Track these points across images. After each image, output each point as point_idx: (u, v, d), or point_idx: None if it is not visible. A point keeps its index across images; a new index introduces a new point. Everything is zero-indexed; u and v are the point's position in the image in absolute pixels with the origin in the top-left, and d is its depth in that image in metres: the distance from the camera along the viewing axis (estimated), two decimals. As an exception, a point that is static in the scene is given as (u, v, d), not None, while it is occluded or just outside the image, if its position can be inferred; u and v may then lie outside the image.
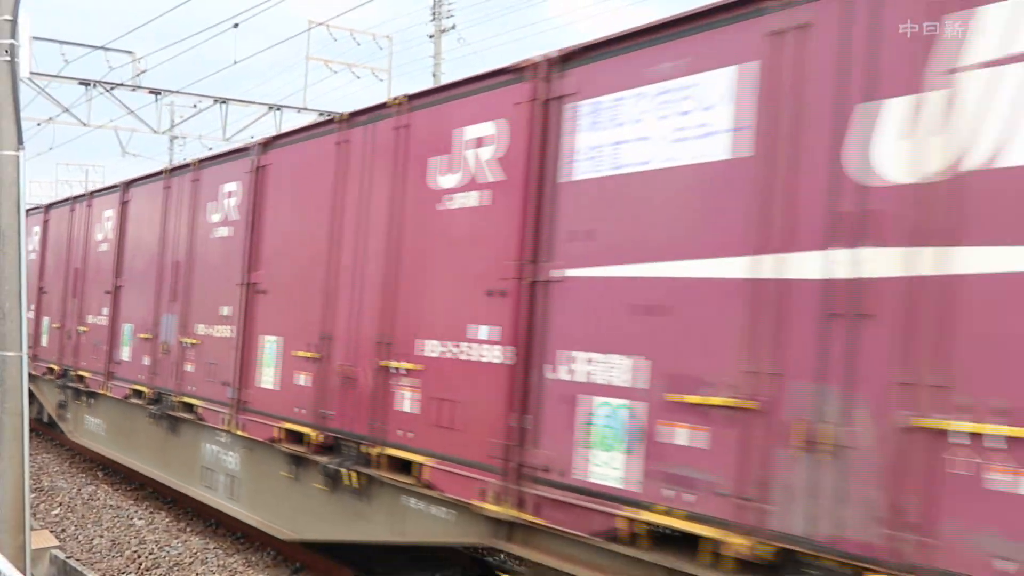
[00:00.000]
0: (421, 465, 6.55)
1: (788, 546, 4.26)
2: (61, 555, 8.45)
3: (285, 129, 14.13)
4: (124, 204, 12.44)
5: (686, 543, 4.78)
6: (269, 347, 8.66)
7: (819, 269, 4.23)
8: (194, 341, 10.07)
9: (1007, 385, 3.58)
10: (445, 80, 8.27)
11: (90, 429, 13.33)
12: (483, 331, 6.13)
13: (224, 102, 23.39)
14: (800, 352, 4.28)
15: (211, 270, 9.92)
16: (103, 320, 12.68)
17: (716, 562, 4.55)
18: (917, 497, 3.81)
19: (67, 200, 14.84)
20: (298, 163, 8.53)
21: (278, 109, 24.02)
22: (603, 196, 5.36)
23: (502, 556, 8.22)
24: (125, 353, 11.96)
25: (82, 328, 13.46)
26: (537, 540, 5.70)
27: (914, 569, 3.79)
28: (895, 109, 4.00)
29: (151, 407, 10.89)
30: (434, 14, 29.39)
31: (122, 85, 22.12)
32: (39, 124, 24.32)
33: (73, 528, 10.72)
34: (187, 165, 10.72)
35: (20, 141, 6.85)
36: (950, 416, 3.72)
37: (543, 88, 5.80)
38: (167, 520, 10.97)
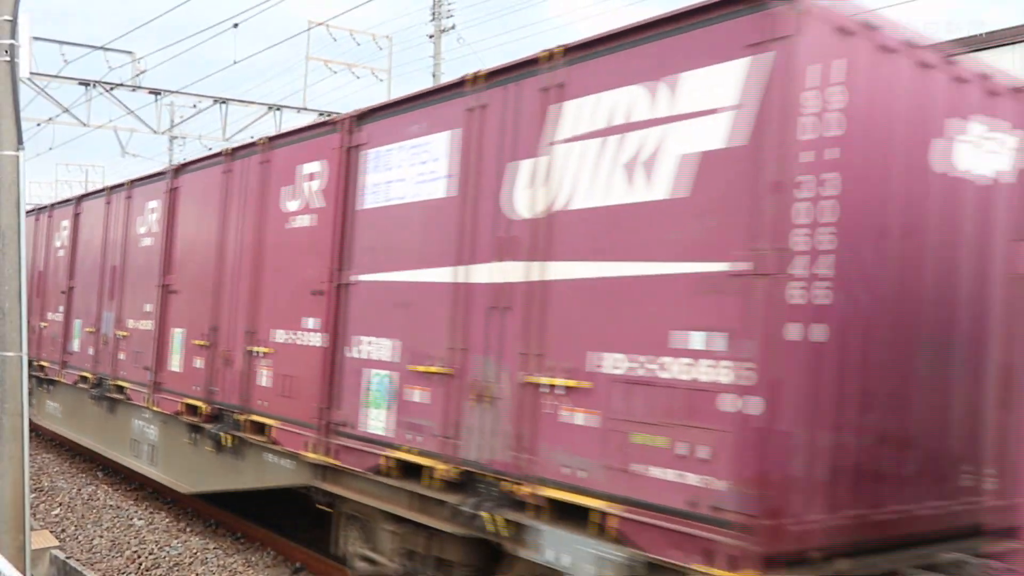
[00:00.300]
0: (271, 427, 8.44)
1: (468, 468, 6.13)
2: (61, 555, 8.54)
3: (283, 131, 15.61)
4: (77, 216, 14.35)
5: (417, 471, 6.65)
6: (177, 337, 10.55)
7: (487, 276, 6.10)
8: (125, 333, 11.97)
9: (569, 353, 5.45)
10: (444, 80, 9.93)
11: (50, 412, 15.24)
12: (310, 322, 8.01)
13: (224, 102, 23.42)
14: (476, 334, 6.15)
15: (138, 273, 11.81)
16: (59, 317, 14.59)
17: (431, 483, 6.42)
18: (528, 429, 5.68)
19: (33, 211, 16.75)
20: (199, 187, 10.43)
21: (278, 109, 24.11)
22: (379, 221, 7.24)
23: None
24: (76, 345, 13.87)
25: (43, 324, 15.38)
26: (340, 478, 7.57)
27: (527, 477, 5.66)
28: (524, 168, 5.87)
29: (93, 390, 12.79)
30: (434, 14, 29.82)
31: (122, 85, 22.18)
32: (39, 124, 24.05)
33: (73, 528, 10.86)
34: (122, 184, 12.61)
35: (20, 141, 6.89)
36: (542, 374, 5.59)
37: (347, 138, 7.68)
38: (167, 520, 11.21)
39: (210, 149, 26.12)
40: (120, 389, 11.97)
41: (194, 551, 9.83)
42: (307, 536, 10.10)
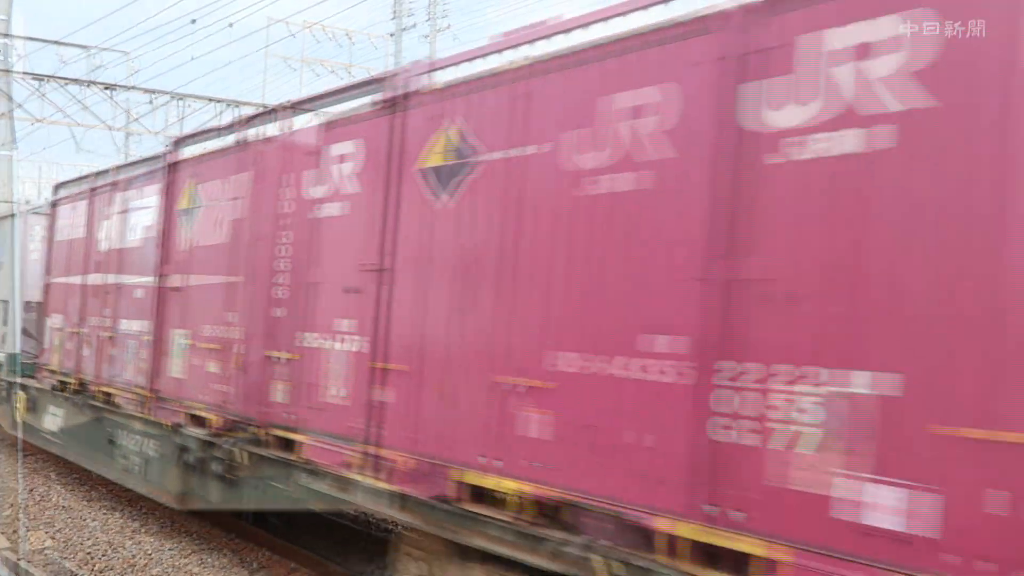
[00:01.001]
0: (114, 395, 12.76)
1: (140, 391, 10.41)
2: (12, 557, 8.76)
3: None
4: (-2, 234, 18.69)
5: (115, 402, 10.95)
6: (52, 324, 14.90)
7: (176, 283, 10.38)
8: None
9: (214, 322, 9.72)
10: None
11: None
12: (105, 311, 12.33)
13: (181, 98, 23.14)
14: (163, 313, 10.44)
15: (31, 278, 16.16)
16: (-14, 311, 18.95)
17: (136, 406, 10.70)
18: (161, 365, 9.95)
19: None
20: (62, 215, 14.77)
21: (236, 106, 23.34)
22: (126, 251, 11.57)
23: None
24: (-5, 332, 18.24)
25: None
26: (111, 409, 11.86)
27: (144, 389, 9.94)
28: (183, 218, 10.15)
29: None
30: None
31: (77, 81, 21.82)
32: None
33: (25, 530, 10.82)
34: (13, 215, 16.98)
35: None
36: (194, 340, 9.87)
37: (123, 196, 12.01)
38: (121, 521, 11.50)
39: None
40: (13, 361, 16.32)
41: (148, 552, 10.01)
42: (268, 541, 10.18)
